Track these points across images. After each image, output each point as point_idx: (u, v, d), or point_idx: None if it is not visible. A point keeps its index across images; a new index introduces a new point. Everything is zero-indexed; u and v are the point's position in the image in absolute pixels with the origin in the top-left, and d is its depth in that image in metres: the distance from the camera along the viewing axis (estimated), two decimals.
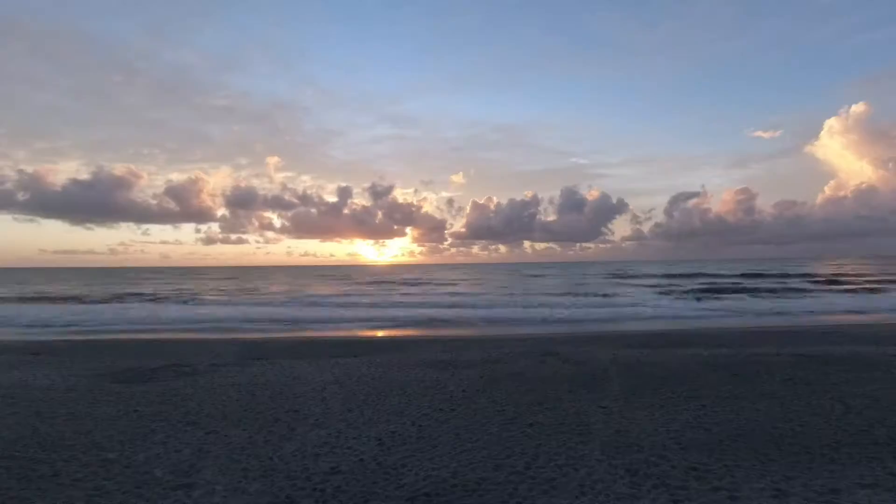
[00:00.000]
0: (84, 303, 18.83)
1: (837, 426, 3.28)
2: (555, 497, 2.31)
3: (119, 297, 21.28)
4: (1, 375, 5.34)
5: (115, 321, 12.73)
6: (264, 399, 4.24)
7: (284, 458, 2.85)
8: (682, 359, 5.76)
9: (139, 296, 22.34)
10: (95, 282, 40.30)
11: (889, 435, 3.09)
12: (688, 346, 6.83)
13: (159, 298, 20.80)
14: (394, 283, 34.15)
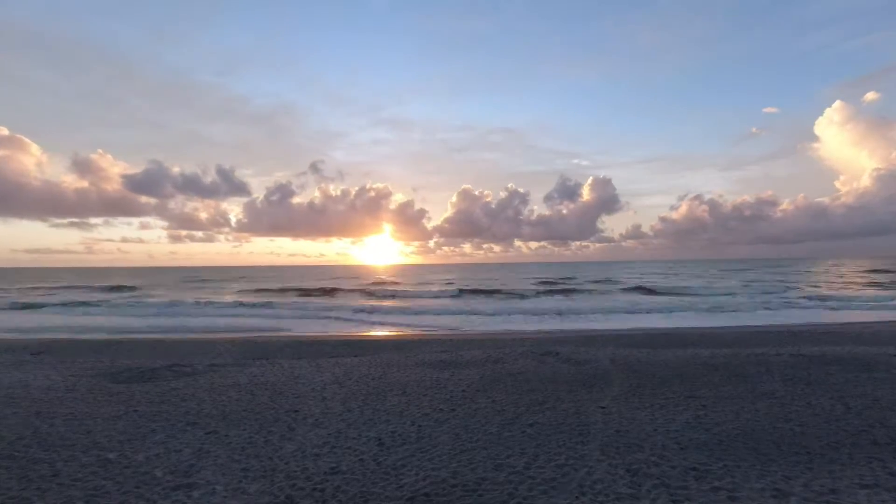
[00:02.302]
0: None
1: (837, 426, 3.28)
2: (555, 497, 2.31)
3: None
4: (1, 375, 5.34)
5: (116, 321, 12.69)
6: (264, 399, 4.24)
7: (284, 458, 2.85)
8: (682, 359, 5.75)
9: None
10: None
11: (889, 435, 3.08)
12: (688, 346, 6.83)
13: None
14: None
